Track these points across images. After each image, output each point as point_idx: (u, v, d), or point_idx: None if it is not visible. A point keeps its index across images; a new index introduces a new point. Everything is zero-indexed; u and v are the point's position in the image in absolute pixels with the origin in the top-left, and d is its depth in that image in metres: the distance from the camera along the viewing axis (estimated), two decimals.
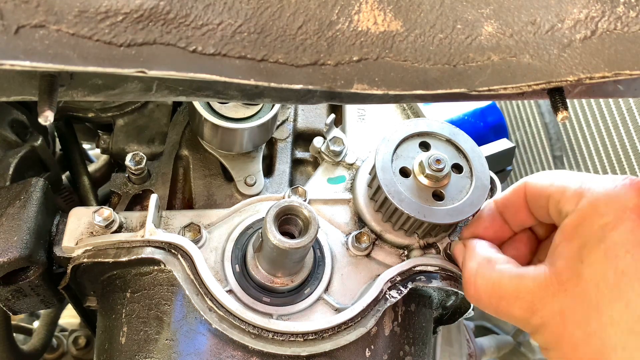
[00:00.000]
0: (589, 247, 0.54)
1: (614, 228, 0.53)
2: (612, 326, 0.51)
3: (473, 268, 0.63)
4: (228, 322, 0.64)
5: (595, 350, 0.52)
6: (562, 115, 0.55)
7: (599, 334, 0.52)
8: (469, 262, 0.64)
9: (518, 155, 1.53)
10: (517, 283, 0.59)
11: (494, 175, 0.77)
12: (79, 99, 0.55)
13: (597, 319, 0.52)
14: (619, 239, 0.52)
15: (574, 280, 0.54)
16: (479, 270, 0.62)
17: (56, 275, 0.75)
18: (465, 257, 0.66)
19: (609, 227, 0.53)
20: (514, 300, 0.58)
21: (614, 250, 0.52)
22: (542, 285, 0.56)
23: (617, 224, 0.53)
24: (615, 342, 0.51)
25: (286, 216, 0.63)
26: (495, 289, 0.60)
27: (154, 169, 0.83)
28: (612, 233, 0.53)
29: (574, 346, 0.54)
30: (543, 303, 0.56)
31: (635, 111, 1.15)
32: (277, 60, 0.49)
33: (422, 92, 0.52)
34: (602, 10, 0.53)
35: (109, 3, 0.46)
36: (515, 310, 0.59)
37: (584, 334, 0.53)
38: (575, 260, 0.55)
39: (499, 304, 0.60)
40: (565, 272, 0.55)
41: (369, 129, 0.89)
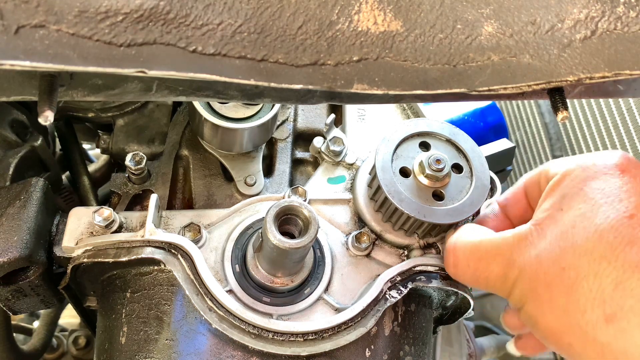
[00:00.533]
0: (569, 197, 0.56)
1: (594, 178, 0.55)
2: (586, 256, 0.52)
3: (453, 237, 0.65)
4: (228, 322, 0.64)
5: (569, 283, 0.52)
6: (562, 115, 0.55)
7: (573, 265, 0.52)
8: (450, 235, 0.66)
9: (518, 155, 1.53)
10: (497, 242, 0.60)
11: (494, 175, 0.77)
12: (79, 99, 0.55)
13: (572, 253, 0.53)
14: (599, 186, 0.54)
15: (552, 226, 0.56)
16: (460, 237, 0.64)
17: (56, 275, 0.75)
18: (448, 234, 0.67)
19: (590, 178, 0.56)
20: (492, 257, 0.59)
21: (593, 194, 0.54)
22: (522, 237, 0.57)
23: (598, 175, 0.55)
24: (588, 270, 0.51)
25: (286, 216, 0.63)
26: (474, 250, 0.61)
27: (154, 169, 0.83)
28: (593, 181, 0.55)
29: (548, 284, 0.54)
30: (521, 252, 0.57)
31: (635, 111, 1.15)
32: (277, 60, 0.49)
33: (422, 92, 0.52)
34: (602, 10, 0.53)
35: (109, 3, 0.46)
36: (493, 267, 0.59)
37: (558, 269, 0.53)
38: (555, 209, 0.56)
39: (477, 265, 0.61)
40: (545, 221, 0.57)
41: (369, 129, 0.88)
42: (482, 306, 1.57)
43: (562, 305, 0.53)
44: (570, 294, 0.52)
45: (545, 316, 0.55)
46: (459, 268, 0.63)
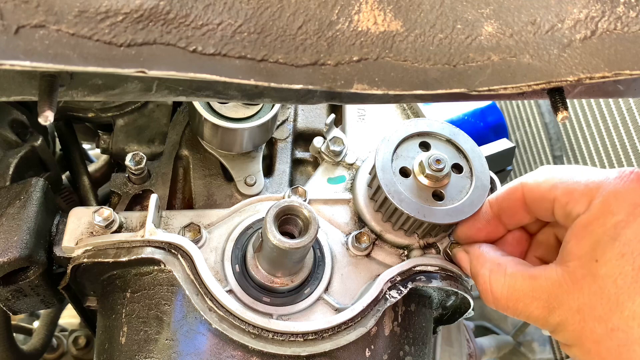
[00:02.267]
0: (602, 246, 0.55)
1: (626, 225, 0.54)
2: (635, 319, 0.52)
3: (486, 275, 0.64)
4: (228, 322, 0.64)
5: (619, 344, 0.53)
6: (562, 115, 0.55)
7: (621, 328, 0.53)
8: (480, 270, 0.65)
9: (518, 155, 1.53)
10: (531, 283, 0.59)
11: (494, 175, 0.77)
12: (79, 99, 0.55)
13: (618, 314, 0.53)
14: (633, 236, 0.53)
15: (589, 279, 0.55)
16: (492, 277, 0.63)
17: (56, 275, 0.75)
18: (474, 265, 0.66)
19: (622, 224, 0.54)
20: (530, 300, 0.59)
21: (630, 246, 0.53)
22: (557, 284, 0.57)
23: (629, 221, 0.54)
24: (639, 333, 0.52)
25: (286, 216, 0.63)
26: (510, 292, 0.61)
27: (154, 169, 0.83)
28: (626, 230, 0.54)
29: (596, 342, 0.54)
30: (559, 301, 0.57)
31: (635, 111, 1.15)
32: (277, 60, 0.49)
33: (422, 92, 0.52)
34: (602, 10, 0.53)
35: (109, 3, 0.46)
36: (533, 310, 0.59)
37: (605, 329, 0.53)
38: (588, 259, 0.55)
39: (516, 306, 0.61)
40: (579, 271, 0.56)
41: (369, 129, 0.89)
42: (482, 306, 1.57)
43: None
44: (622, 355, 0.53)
45: None
46: (500, 307, 0.63)
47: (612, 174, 0.57)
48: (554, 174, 0.62)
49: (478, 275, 0.65)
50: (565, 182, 0.60)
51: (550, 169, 0.63)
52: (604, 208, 0.55)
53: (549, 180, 0.62)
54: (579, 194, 0.58)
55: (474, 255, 0.67)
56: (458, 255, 0.70)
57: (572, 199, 0.58)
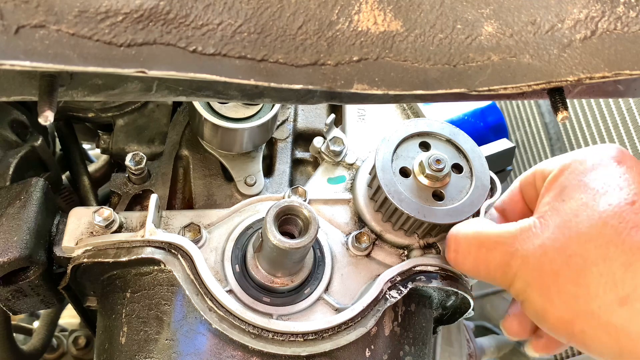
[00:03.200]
0: (569, 188, 0.57)
1: (593, 169, 0.57)
2: (591, 241, 0.52)
3: (457, 226, 0.65)
4: (228, 322, 0.64)
5: (577, 269, 0.53)
6: (562, 115, 0.55)
7: (579, 252, 0.53)
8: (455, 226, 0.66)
9: (518, 155, 1.53)
10: (500, 231, 0.60)
11: (494, 175, 0.77)
12: (79, 99, 0.55)
13: (576, 240, 0.53)
14: (599, 176, 0.56)
15: (555, 216, 0.56)
16: (462, 227, 0.65)
17: (56, 275, 0.75)
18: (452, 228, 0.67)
19: (589, 169, 0.57)
20: (494, 245, 0.59)
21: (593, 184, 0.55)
22: (525, 228, 0.58)
23: (596, 167, 0.57)
24: (596, 255, 0.52)
25: (286, 216, 0.63)
26: (476, 237, 0.62)
27: (154, 169, 0.83)
28: (592, 172, 0.57)
29: (554, 273, 0.54)
30: (524, 242, 0.57)
31: (635, 111, 1.15)
32: (277, 60, 0.49)
33: (422, 92, 0.52)
34: (602, 10, 0.53)
35: (109, 3, 0.46)
36: (494, 255, 0.59)
37: (564, 257, 0.54)
38: (556, 201, 0.58)
39: (478, 252, 0.61)
40: (548, 213, 0.57)
41: (369, 129, 0.88)
42: (482, 306, 1.57)
43: (571, 292, 0.53)
44: (579, 281, 0.53)
45: (554, 305, 0.55)
46: (459, 254, 0.63)
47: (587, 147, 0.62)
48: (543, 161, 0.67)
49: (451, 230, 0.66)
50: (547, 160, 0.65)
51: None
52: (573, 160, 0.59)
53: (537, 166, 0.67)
54: (553, 160, 0.63)
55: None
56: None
57: (548, 165, 0.63)
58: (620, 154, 0.58)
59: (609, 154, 0.58)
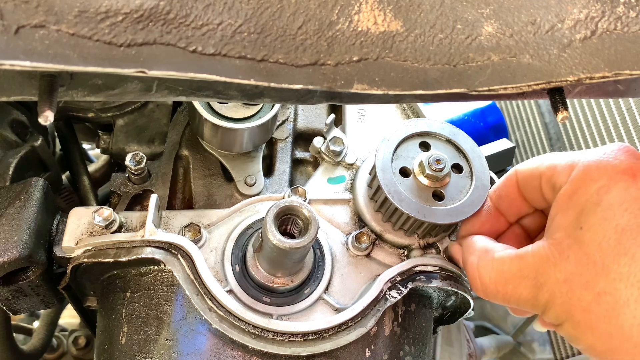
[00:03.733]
0: (585, 213, 0.55)
1: (608, 190, 0.54)
2: (622, 281, 0.51)
3: (474, 262, 0.63)
4: (228, 322, 0.64)
5: (608, 309, 0.52)
6: (562, 115, 0.55)
7: (609, 291, 0.52)
8: (469, 258, 0.64)
9: (518, 155, 1.53)
10: (518, 263, 0.59)
11: (494, 175, 0.77)
12: (79, 99, 0.55)
13: (604, 278, 0.52)
14: (615, 200, 0.53)
15: (575, 247, 0.54)
16: (480, 262, 0.63)
17: (56, 275, 0.75)
18: (464, 254, 0.66)
19: (603, 190, 0.54)
20: (518, 281, 0.58)
21: (612, 210, 0.53)
22: (544, 259, 0.56)
23: (610, 186, 0.54)
24: (627, 295, 0.51)
25: (286, 216, 0.63)
26: (499, 275, 0.60)
27: (154, 169, 0.83)
28: (607, 195, 0.54)
29: (585, 310, 0.53)
30: (547, 275, 0.56)
31: (635, 111, 1.15)
32: (277, 60, 0.49)
33: (422, 92, 0.52)
34: (602, 10, 0.53)
35: (109, 3, 0.46)
36: (521, 291, 0.58)
37: (593, 295, 0.53)
38: (573, 228, 0.55)
39: (505, 289, 0.60)
40: (565, 241, 0.55)
41: (369, 129, 0.89)
42: (482, 306, 1.57)
43: (604, 330, 0.53)
44: (611, 320, 0.52)
45: (587, 338, 0.55)
46: (489, 293, 0.62)
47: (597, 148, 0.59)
48: (544, 156, 0.64)
49: (467, 263, 0.64)
50: (550, 159, 0.62)
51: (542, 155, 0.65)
52: (585, 176, 0.56)
53: (537, 161, 0.64)
54: (561, 166, 0.59)
55: (465, 246, 0.66)
56: (452, 249, 0.70)
57: (555, 172, 0.60)
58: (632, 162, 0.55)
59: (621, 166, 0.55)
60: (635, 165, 0.55)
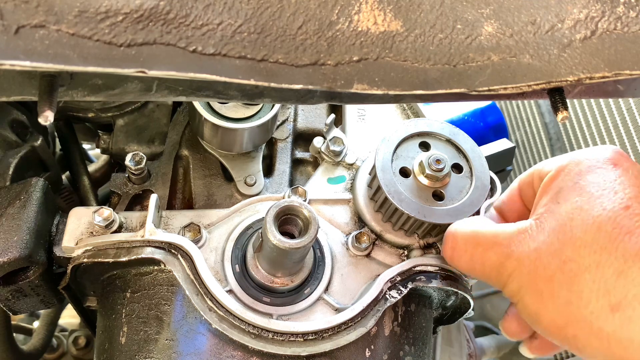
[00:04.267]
0: (565, 190, 0.57)
1: (588, 172, 0.57)
2: (585, 248, 0.52)
3: (455, 224, 0.65)
4: (228, 322, 0.64)
5: (570, 276, 0.53)
6: (562, 115, 0.55)
7: (573, 257, 0.53)
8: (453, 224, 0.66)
9: (518, 155, 1.53)
10: (496, 230, 0.60)
11: (494, 175, 0.77)
12: (79, 99, 0.55)
13: (571, 245, 0.53)
14: (593, 179, 0.56)
15: (550, 218, 0.56)
16: (460, 225, 0.64)
17: (56, 275, 0.75)
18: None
19: (584, 172, 0.57)
20: (490, 245, 0.59)
21: (588, 187, 0.55)
22: (522, 230, 0.58)
23: (591, 169, 0.57)
24: (589, 262, 0.52)
25: (286, 216, 0.63)
26: (473, 236, 0.62)
27: (154, 169, 0.83)
28: (587, 175, 0.56)
29: (548, 278, 0.54)
30: (520, 244, 0.57)
31: (635, 111, 1.15)
32: (277, 60, 0.49)
33: (422, 92, 0.52)
34: (602, 10, 0.53)
35: (109, 3, 0.46)
36: (489, 255, 0.59)
37: (559, 262, 0.54)
38: (552, 203, 0.57)
39: (474, 251, 0.61)
40: (544, 215, 0.57)
41: (369, 129, 0.88)
42: (482, 306, 1.57)
43: (564, 297, 0.53)
44: (572, 286, 0.53)
45: (547, 309, 0.55)
46: (455, 251, 0.63)
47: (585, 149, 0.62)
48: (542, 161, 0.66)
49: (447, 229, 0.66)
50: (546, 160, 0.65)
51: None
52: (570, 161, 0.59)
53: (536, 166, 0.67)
54: (551, 160, 0.63)
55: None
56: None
57: (546, 165, 0.63)
58: (616, 156, 0.57)
59: (605, 156, 0.57)
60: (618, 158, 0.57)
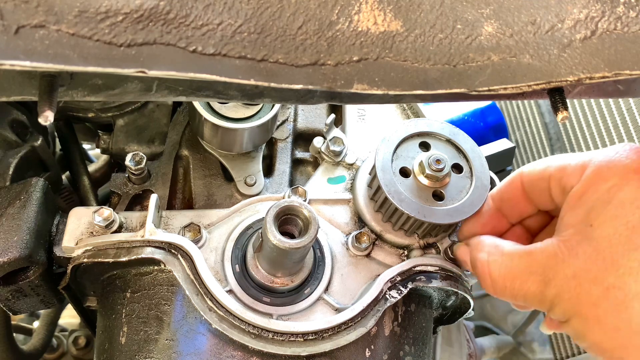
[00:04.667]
0: (596, 211, 0.55)
1: (619, 189, 0.54)
2: (631, 275, 0.52)
3: (484, 258, 0.63)
4: (228, 322, 0.64)
5: (617, 303, 0.52)
6: (562, 115, 0.55)
7: (618, 285, 0.52)
8: (478, 255, 0.64)
9: (518, 155, 1.53)
10: (527, 259, 0.59)
11: (494, 175, 0.77)
12: (79, 99, 0.55)
13: (614, 273, 0.52)
14: (626, 198, 0.54)
15: (584, 243, 0.55)
16: (490, 259, 0.63)
17: (56, 275, 0.75)
18: (473, 252, 0.66)
19: (615, 189, 0.54)
20: (526, 276, 0.58)
21: (623, 208, 0.53)
22: (552, 255, 0.57)
23: (621, 185, 0.54)
24: (637, 289, 0.51)
25: (286, 216, 0.63)
26: (507, 270, 0.60)
27: (154, 169, 0.83)
28: (619, 193, 0.54)
29: (593, 304, 0.54)
30: (555, 271, 0.56)
31: (635, 111, 1.15)
32: (277, 60, 0.49)
33: (422, 92, 0.52)
34: (602, 10, 0.53)
35: (109, 3, 0.46)
36: (529, 286, 0.58)
37: (602, 289, 0.53)
38: (583, 225, 0.55)
39: (513, 285, 0.60)
40: (574, 238, 0.56)
41: (369, 129, 0.89)
42: (482, 306, 1.57)
43: (612, 324, 0.53)
44: (620, 314, 0.52)
45: (593, 333, 0.55)
46: (497, 289, 0.62)
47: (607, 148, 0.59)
48: (550, 158, 0.64)
49: (476, 260, 0.64)
50: (559, 160, 0.62)
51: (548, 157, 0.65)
52: (596, 176, 0.56)
53: (544, 163, 0.64)
54: (572, 167, 0.59)
55: (473, 245, 0.66)
56: (459, 250, 0.70)
57: (566, 173, 0.60)
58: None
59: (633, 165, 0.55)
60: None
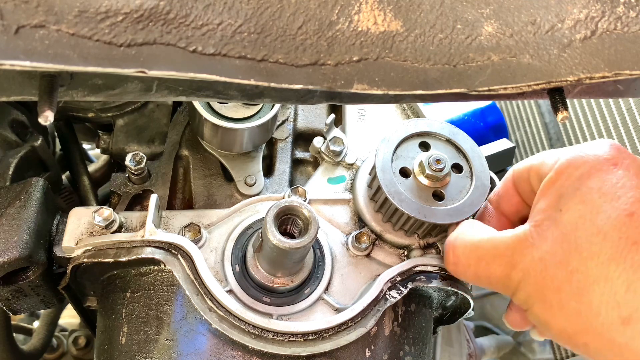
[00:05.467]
0: (566, 196, 0.56)
1: (589, 177, 0.55)
2: (592, 259, 0.52)
3: (453, 235, 0.64)
4: (228, 322, 0.64)
5: (578, 287, 0.53)
6: (562, 115, 0.55)
7: (580, 269, 0.53)
8: (450, 234, 0.65)
9: (518, 155, 1.53)
10: (496, 241, 0.60)
11: (494, 175, 0.77)
12: (79, 99, 0.55)
13: (577, 256, 0.53)
14: (594, 185, 0.54)
15: (553, 227, 0.55)
16: (459, 236, 0.64)
17: (56, 275, 0.75)
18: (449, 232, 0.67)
19: (585, 176, 0.55)
20: (492, 258, 0.59)
21: (590, 194, 0.54)
22: (522, 239, 0.57)
23: (592, 173, 0.55)
24: (597, 273, 0.52)
25: (286, 216, 0.63)
26: (473, 249, 0.61)
27: (154, 169, 0.83)
28: (587, 181, 0.55)
29: (557, 289, 0.54)
30: (523, 255, 0.56)
31: (635, 111, 1.15)
32: (277, 60, 0.49)
33: (422, 92, 0.52)
34: (602, 10, 0.53)
35: (109, 3, 0.46)
36: (494, 268, 0.59)
37: (566, 273, 0.53)
38: (553, 210, 0.56)
39: (478, 265, 0.60)
40: (545, 223, 0.56)
41: (369, 129, 0.88)
42: (482, 306, 1.57)
43: (574, 308, 0.53)
44: (581, 297, 0.52)
45: (556, 319, 0.55)
46: (459, 266, 0.63)
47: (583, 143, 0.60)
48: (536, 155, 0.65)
49: (447, 238, 0.65)
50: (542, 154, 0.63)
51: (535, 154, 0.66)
52: (569, 164, 0.57)
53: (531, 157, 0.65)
54: (549, 158, 0.61)
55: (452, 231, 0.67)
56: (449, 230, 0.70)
57: (544, 163, 0.61)
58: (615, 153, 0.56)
59: (605, 155, 0.56)
60: (617, 156, 0.56)
